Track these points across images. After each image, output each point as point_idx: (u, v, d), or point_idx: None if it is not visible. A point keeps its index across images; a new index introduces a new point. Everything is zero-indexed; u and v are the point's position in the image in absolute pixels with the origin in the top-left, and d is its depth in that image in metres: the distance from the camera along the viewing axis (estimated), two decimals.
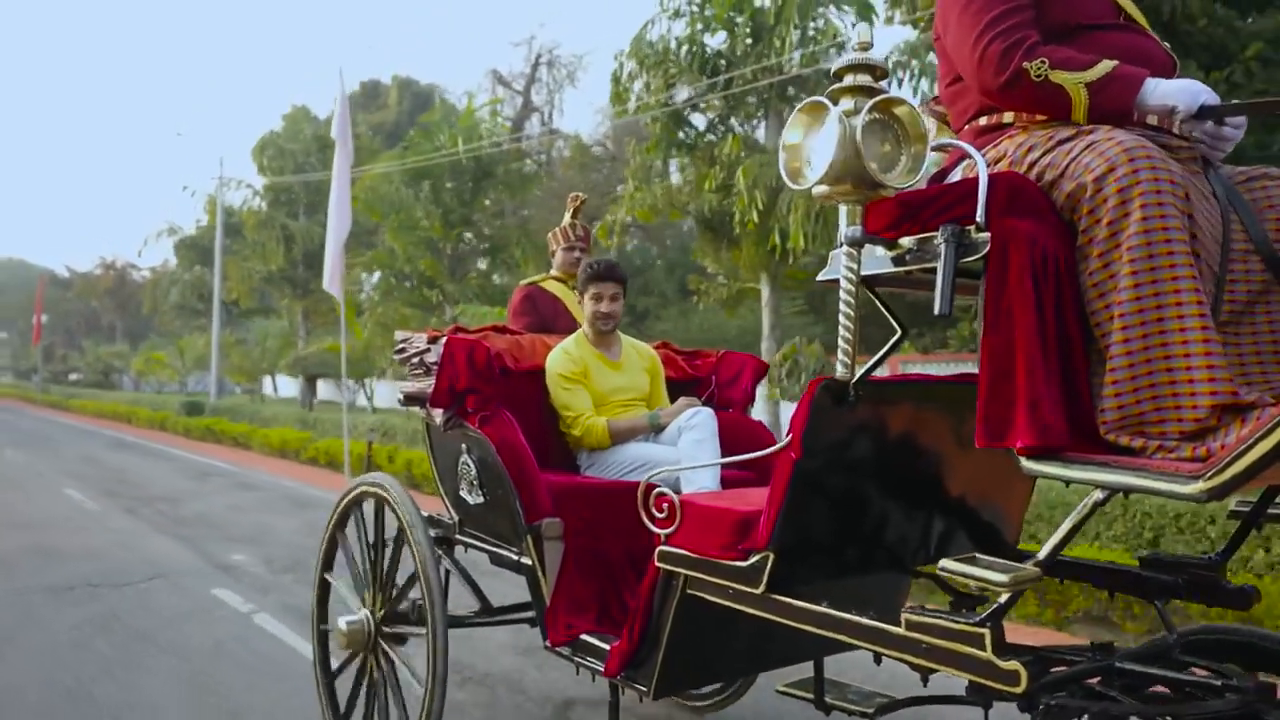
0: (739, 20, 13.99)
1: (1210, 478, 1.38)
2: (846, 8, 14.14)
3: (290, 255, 26.78)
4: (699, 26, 14.28)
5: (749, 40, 14.07)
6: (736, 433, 3.20)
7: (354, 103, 37.82)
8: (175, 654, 4.54)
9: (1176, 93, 1.72)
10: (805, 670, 2.78)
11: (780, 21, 13.42)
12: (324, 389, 28.68)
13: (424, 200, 19.71)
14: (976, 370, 1.66)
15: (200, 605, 5.52)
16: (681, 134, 14.68)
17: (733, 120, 14.68)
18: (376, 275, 24.08)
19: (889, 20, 13.18)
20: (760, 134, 15.15)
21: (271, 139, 29.06)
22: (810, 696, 2.80)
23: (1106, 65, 1.75)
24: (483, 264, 21.69)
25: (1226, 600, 2.04)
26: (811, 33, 13.83)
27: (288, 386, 33.49)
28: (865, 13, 14.00)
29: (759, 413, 4.25)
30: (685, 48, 14.20)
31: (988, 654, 1.59)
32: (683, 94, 14.37)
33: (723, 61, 14.23)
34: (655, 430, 3.22)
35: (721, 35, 14.27)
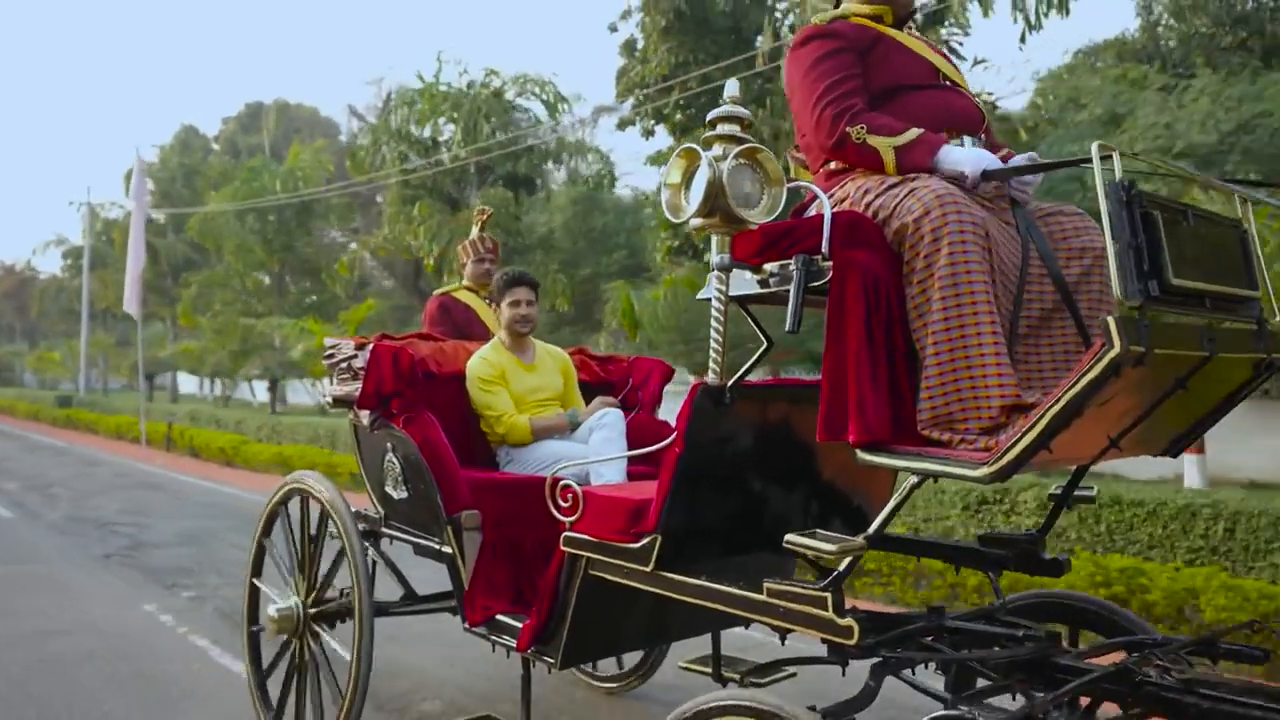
0: (449, 110, 20.05)
1: (993, 464, 1.72)
2: (536, 100, 20.84)
3: (157, 268, 30.01)
4: (412, 121, 20.66)
5: (451, 129, 20.32)
6: (645, 432, 3.48)
7: (238, 123, 43.57)
8: None
9: (965, 160, 2.09)
10: (707, 648, 3.09)
11: (458, 119, 19.79)
12: (242, 389, 31.39)
13: (247, 229, 24.07)
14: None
15: None
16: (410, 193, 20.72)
17: (448, 187, 20.75)
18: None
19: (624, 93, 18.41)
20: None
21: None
22: (708, 671, 3.11)
23: (913, 133, 2.13)
24: (300, 283, 26.46)
25: (1044, 569, 2.41)
26: (496, 125, 19.86)
27: (187, 383, 36.36)
28: (556, 102, 20.72)
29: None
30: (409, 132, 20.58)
31: (829, 613, 1.91)
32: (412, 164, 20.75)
33: (435, 142, 20.80)
34: (573, 427, 3.49)
35: (437, 122, 20.73)
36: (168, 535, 8.42)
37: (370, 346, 3.27)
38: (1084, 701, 2.24)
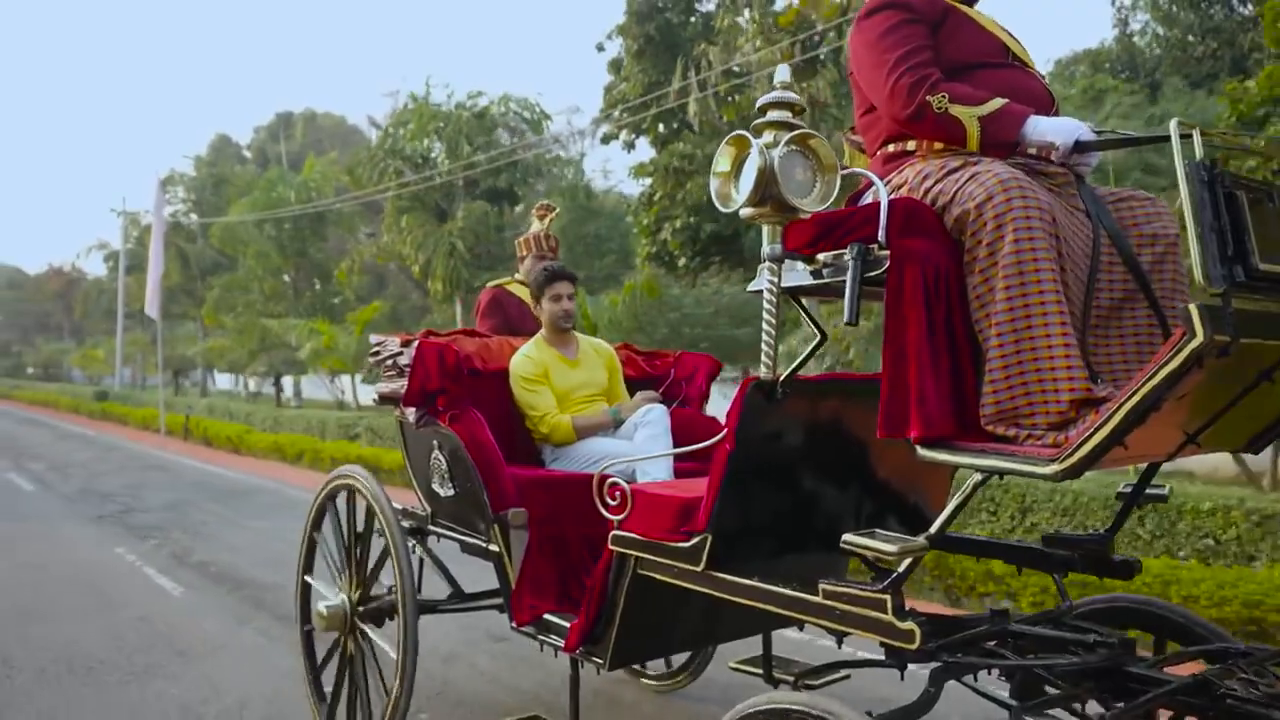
0: (441, 128, 21.91)
1: (1063, 460, 1.63)
2: (519, 118, 22.87)
3: (188, 272, 31.57)
4: (404, 140, 22.68)
5: (442, 148, 22.34)
6: (691, 428, 3.41)
7: (268, 132, 45.53)
8: None
9: (1056, 130, 1.97)
10: (758, 647, 3.03)
11: (443, 138, 21.94)
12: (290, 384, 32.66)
13: (265, 236, 25.74)
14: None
15: None
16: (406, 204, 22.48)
17: (437, 200, 22.54)
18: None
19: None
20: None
21: (173, 176, 35.87)
22: (759, 672, 3.05)
23: (998, 102, 2.00)
24: (314, 286, 28.02)
25: (1113, 571, 2.30)
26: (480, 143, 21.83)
27: (225, 380, 38.35)
28: (539, 119, 22.92)
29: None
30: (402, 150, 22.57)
31: (888, 616, 1.83)
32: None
33: (424, 159, 22.73)
34: (616, 425, 3.44)
35: (426, 142, 22.62)
36: (155, 503, 10.03)
37: (415, 344, 3.25)
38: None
